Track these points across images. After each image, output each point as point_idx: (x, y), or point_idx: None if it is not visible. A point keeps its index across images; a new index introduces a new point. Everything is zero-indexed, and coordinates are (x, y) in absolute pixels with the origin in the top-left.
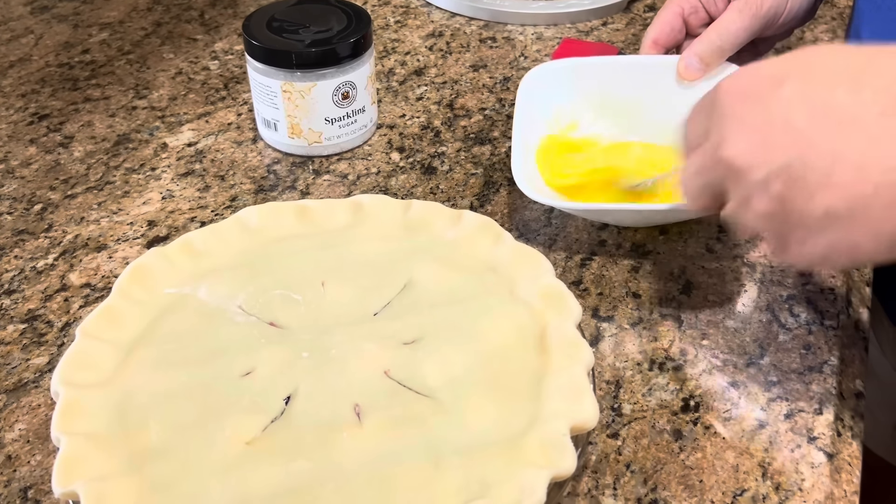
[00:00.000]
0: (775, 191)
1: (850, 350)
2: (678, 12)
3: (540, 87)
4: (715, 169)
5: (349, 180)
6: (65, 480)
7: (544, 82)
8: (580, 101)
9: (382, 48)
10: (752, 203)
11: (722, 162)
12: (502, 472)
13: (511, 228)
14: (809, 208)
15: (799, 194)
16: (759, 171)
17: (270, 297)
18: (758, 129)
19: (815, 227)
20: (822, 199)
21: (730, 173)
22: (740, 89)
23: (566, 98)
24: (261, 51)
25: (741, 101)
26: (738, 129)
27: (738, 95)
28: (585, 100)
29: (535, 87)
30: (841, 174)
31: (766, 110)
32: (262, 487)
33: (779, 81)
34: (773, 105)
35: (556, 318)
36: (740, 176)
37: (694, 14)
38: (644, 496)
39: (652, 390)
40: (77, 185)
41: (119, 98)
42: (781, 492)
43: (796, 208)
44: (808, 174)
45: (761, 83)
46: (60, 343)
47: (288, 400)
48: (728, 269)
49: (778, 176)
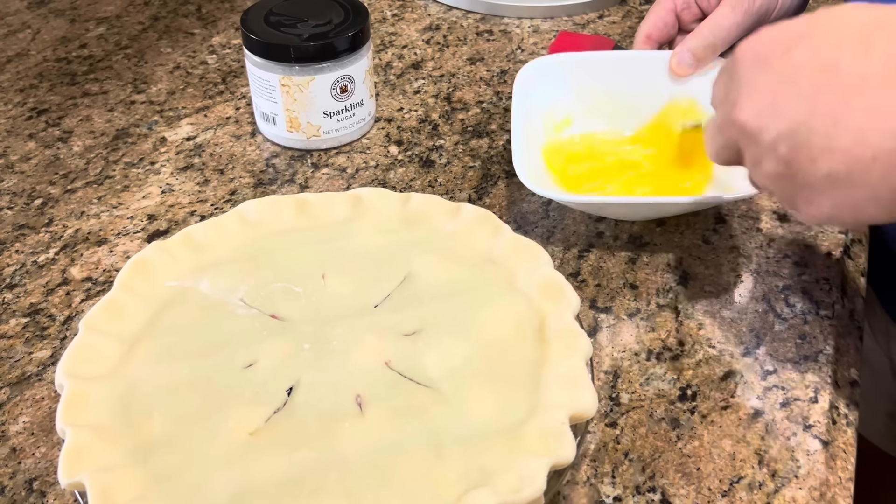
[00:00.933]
0: (782, 153)
1: (845, 339)
2: (671, 8)
3: (534, 82)
4: (730, 129)
5: (348, 174)
6: (70, 471)
7: (538, 78)
8: (574, 96)
9: (380, 42)
10: (762, 164)
11: (735, 124)
12: (502, 461)
13: (509, 221)
14: (813, 171)
15: (803, 157)
16: (767, 134)
17: (271, 289)
18: (767, 93)
19: (818, 188)
20: (824, 162)
21: (742, 135)
22: (754, 52)
23: (560, 93)
24: (259, 45)
25: (754, 64)
26: (750, 93)
27: (752, 58)
28: (579, 95)
29: (529, 82)
30: (841, 139)
31: (775, 74)
32: (265, 477)
33: (790, 45)
34: (782, 69)
35: (555, 309)
36: (751, 138)
37: (687, 10)
38: (642, 484)
39: (649, 380)
40: (77, 180)
41: (117, 92)
42: (777, 479)
43: (801, 170)
44: (812, 138)
45: (774, 46)
46: (63, 336)
47: (290, 391)
48: (724, 260)
49: (784, 139)
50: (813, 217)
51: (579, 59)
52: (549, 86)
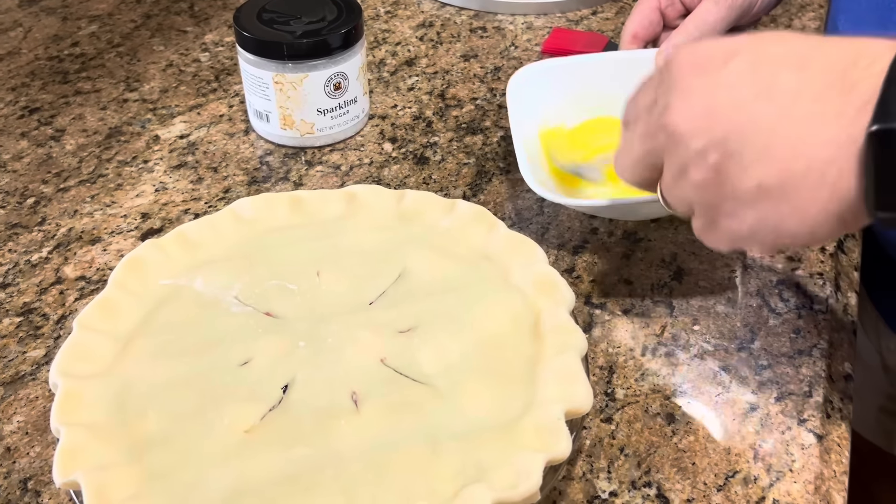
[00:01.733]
0: (712, 161)
1: (839, 334)
2: (655, 5)
3: (525, 89)
4: (656, 135)
5: (342, 171)
6: (66, 470)
7: (528, 85)
8: (564, 101)
9: (373, 39)
10: (689, 172)
11: (665, 128)
12: (498, 457)
13: (504, 217)
14: (742, 180)
15: (734, 166)
16: (698, 140)
17: (266, 287)
18: (703, 99)
19: (745, 200)
20: (756, 172)
21: (670, 140)
22: (692, 61)
23: (551, 99)
24: (252, 42)
25: (691, 72)
26: (684, 98)
27: (689, 66)
28: (569, 99)
29: (521, 90)
30: (776, 149)
31: (713, 82)
32: (261, 475)
33: (728, 57)
34: (720, 78)
35: (550, 305)
36: (680, 143)
37: (671, 6)
38: (638, 479)
39: (645, 375)
40: (70, 179)
41: (110, 91)
42: (772, 473)
43: (729, 180)
44: (745, 148)
45: (713, 56)
46: (57, 336)
47: (285, 388)
48: (718, 256)
49: (716, 147)
50: (731, 233)
51: (566, 63)
52: (539, 93)
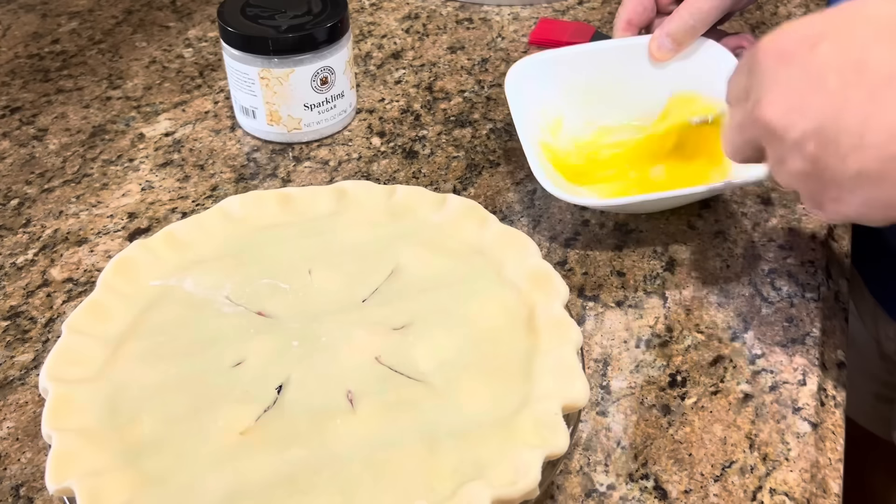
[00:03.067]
0: (809, 152)
1: (832, 321)
2: None
3: (522, 83)
4: (753, 128)
5: (330, 167)
6: (59, 477)
7: (525, 78)
8: (562, 92)
9: (358, 32)
10: (787, 163)
11: (759, 122)
12: (496, 453)
13: (495, 211)
14: (842, 169)
15: (832, 156)
16: (793, 133)
17: (257, 286)
18: (793, 91)
19: (848, 186)
20: (854, 160)
21: (766, 133)
22: (778, 49)
23: (548, 92)
24: (237, 37)
25: (778, 62)
26: (774, 90)
27: (776, 56)
28: (567, 90)
29: (518, 84)
30: (872, 136)
31: (801, 71)
32: (257, 476)
33: (815, 41)
34: (808, 66)
35: (544, 298)
36: (775, 136)
37: None
38: (635, 471)
39: (639, 367)
40: (54, 179)
41: (92, 88)
42: (769, 462)
43: (829, 169)
44: (841, 136)
45: (798, 43)
46: (45, 339)
47: (280, 389)
48: (710, 246)
49: (811, 137)
50: (840, 215)
51: (562, 55)
52: (536, 86)
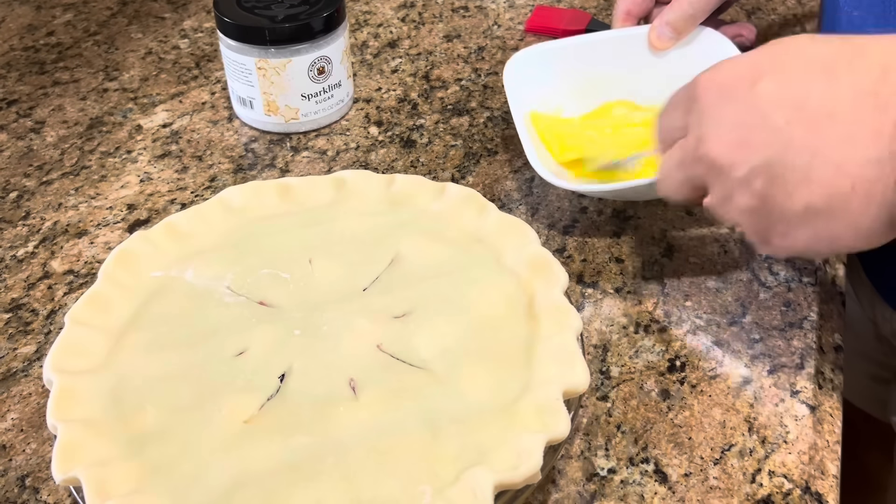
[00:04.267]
0: (756, 188)
1: (829, 305)
2: None
3: (521, 75)
4: (696, 165)
5: (328, 156)
6: (65, 467)
7: (524, 70)
8: (560, 83)
9: (354, 21)
10: (734, 199)
11: (703, 160)
12: (498, 439)
13: (493, 199)
14: (790, 205)
15: (779, 191)
16: (739, 169)
17: (258, 276)
18: (738, 127)
19: (795, 221)
20: (802, 195)
21: (711, 171)
22: (718, 87)
23: (548, 83)
24: (233, 28)
25: (719, 99)
26: (718, 127)
27: (716, 93)
28: (566, 82)
29: (517, 76)
30: (819, 171)
31: (744, 108)
32: (262, 465)
33: (755, 78)
34: (750, 102)
35: (544, 285)
36: (721, 173)
37: None
38: (635, 455)
39: (638, 352)
40: (52, 171)
41: (89, 80)
42: (767, 445)
43: (777, 204)
44: (788, 172)
45: (739, 80)
46: (47, 331)
47: (283, 378)
48: (708, 231)
49: (758, 174)
50: (786, 250)
51: (562, 46)
52: (535, 77)
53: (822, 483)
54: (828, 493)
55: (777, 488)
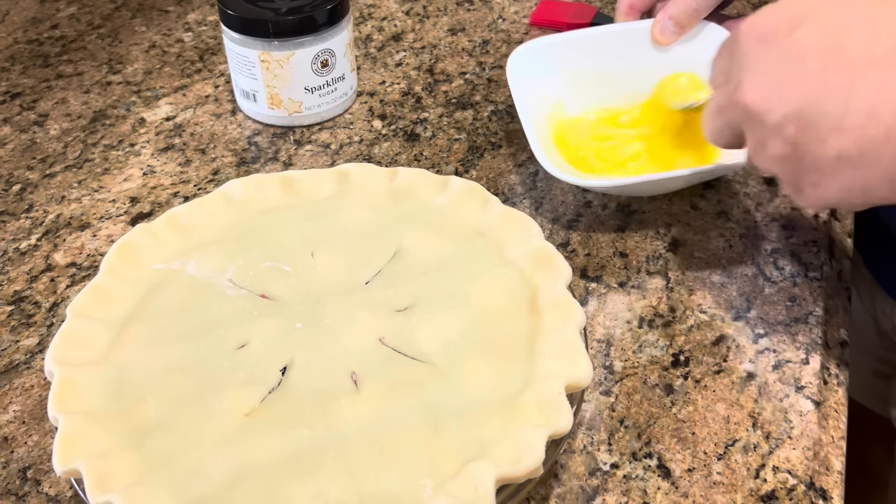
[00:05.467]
0: (788, 135)
1: (834, 300)
2: None
3: (524, 69)
4: (732, 111)
5: (332, 150)
6: (66, 459)
7: (527, 64)
8: (564, 77)
9: (358, 14)
10: (767, 146)
11: (738, 105)
12: (500, 432)
13: (497, 192)
14: (822, 152)
15: (811, 139)
16: (773, 116)
17: (260, 269)
18: (772, 73)
19: (828, 170)
20: (835, 143)
21: (745, 116)
22: (758, 32)
23: (550, 76)
24: (237, 21)
25: (758, 45)
26: (754, 73)
27: (756, 39)
28: (569, 76)
29: (521, 68)
30: (853, 118)
31: (781, 54)
32: (263, 457)
33: (794, 24)
34: (787, 49)
35: (547, 279)
36: (755, 119)
37: None
38: (638, 450)
39: (642, 347)
40: (55, 164)
41: (92, 73)
42: (771, 440)
43: (809, 152)
44: (820, 119)
45: (777, 26)
46: (49, 323)
47: (284, 370)
48: (713, 226)
49: (791, 120)
50: (819, 200)
51: (565, 39)
52: (539, 70)
53: (827, 479)
54: (832, 489)
55: (781, 484)
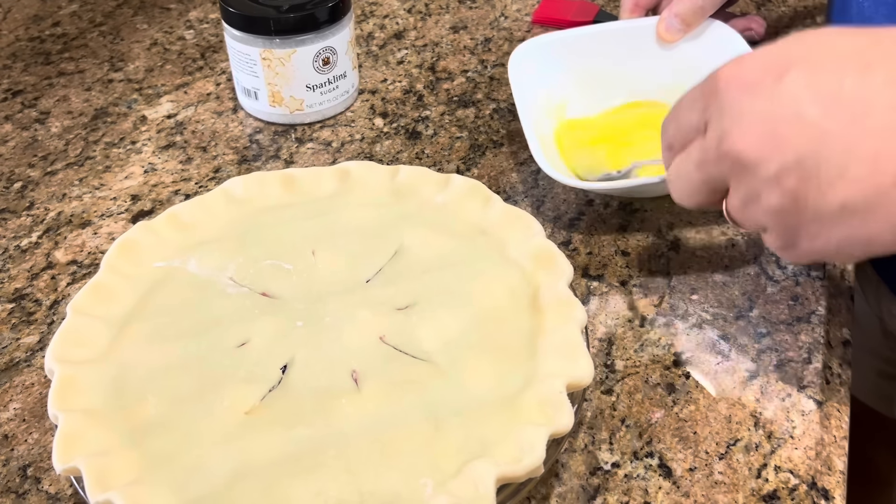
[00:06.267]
0: (788, 186)
1: (837, 299)
2: None
3: (527, 66)
4: (718, 164)
5: (333, 148)
6: (65, 457)
7: (530, 61)
8: (568, 75)
9: (360, 12)
10: (761, 199)
11: (727, 156)
12: (501, 431)
13: (499, 191)
14: (824, 203)
15: (813, 189)
16: (769, 166)
17: (261, 267)
18: (765, 122)
19: (829, 221)
20: (838, 193)
21: (735, 168)
22: (742, 81)
23: (555, 73)
24: (238, 18)
25: (743, 94)
26: (743, 122)
27: (740, 88)
28: (573, 73)
29: (523, 66)
30: (857, 168)
31: (772, 102)
32: (263, 455)
33: (782, 71)
34: (778, 96)
35: (548, 278)
36: (748, 171)
37: None
38: (640, 450)
39: (644, 346)
40: (56, 162)
41: (94, 71)
42: (773, 440)
43: (810, 203)
44: (822, 169)
45: (764, 73)
46: (50, 321)
47: (285, 369)
48: (715, 225)
49: (790, 171)
50: (815, 253)
51: (568, 36)
52: (542, 68)
53: (829, 479)
54: (834, 489)
55: (783, 483)
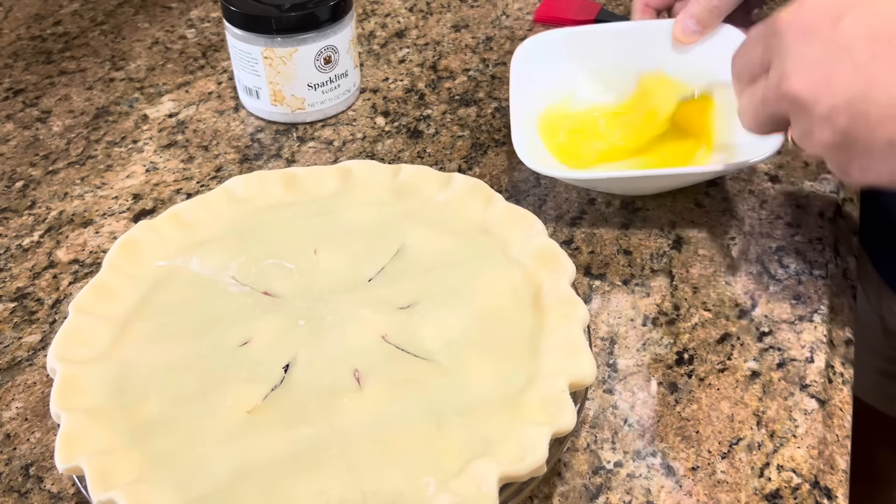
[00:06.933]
0: (838, 125)
1: (839, 298)
2: None
3: (533, 59)
4: (778, 102)
5: (335, 146)
6: (68, 456)
7: (537, 55)
8: (575, 72)
9: (362, 11)
10: (815, 135)
11: (786, 96)
12: (504, 430)
13: (501, 190)
14: (873, 140)
15: (862, 127)
16: (821, 106)
17: (263, 266)
18: (820, 64)
19: (878, 156)
20: (885, 131)
21: (793, 107)
22: (801, 24)
23: (560, 70)
24: (239, 17)
25: (801, 36)
26: (800, 64)
27: (799, 29)
28: (580, 71)
29: (528, 60)
30: None
31: (827, 45)
32: (265, 455)
33: (838, 15)
34: (833, 39)
35: (551, 277)
36: (803, 109)
37: None
38: (642, 449)
39: (646, 345)
40: (58, 161)
41: (95, 70)
42: (776, 439)
43: (859, 140)
44: (872, 108)
45: (821, 17)
46: (52, 320)
47: (287, 368)
48: (717, 223)
49: (841, 110)
50: (868, 181)
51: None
52: (549, 63)
53: (832, 478)
54: (837, 488)
55: (786, 483)
